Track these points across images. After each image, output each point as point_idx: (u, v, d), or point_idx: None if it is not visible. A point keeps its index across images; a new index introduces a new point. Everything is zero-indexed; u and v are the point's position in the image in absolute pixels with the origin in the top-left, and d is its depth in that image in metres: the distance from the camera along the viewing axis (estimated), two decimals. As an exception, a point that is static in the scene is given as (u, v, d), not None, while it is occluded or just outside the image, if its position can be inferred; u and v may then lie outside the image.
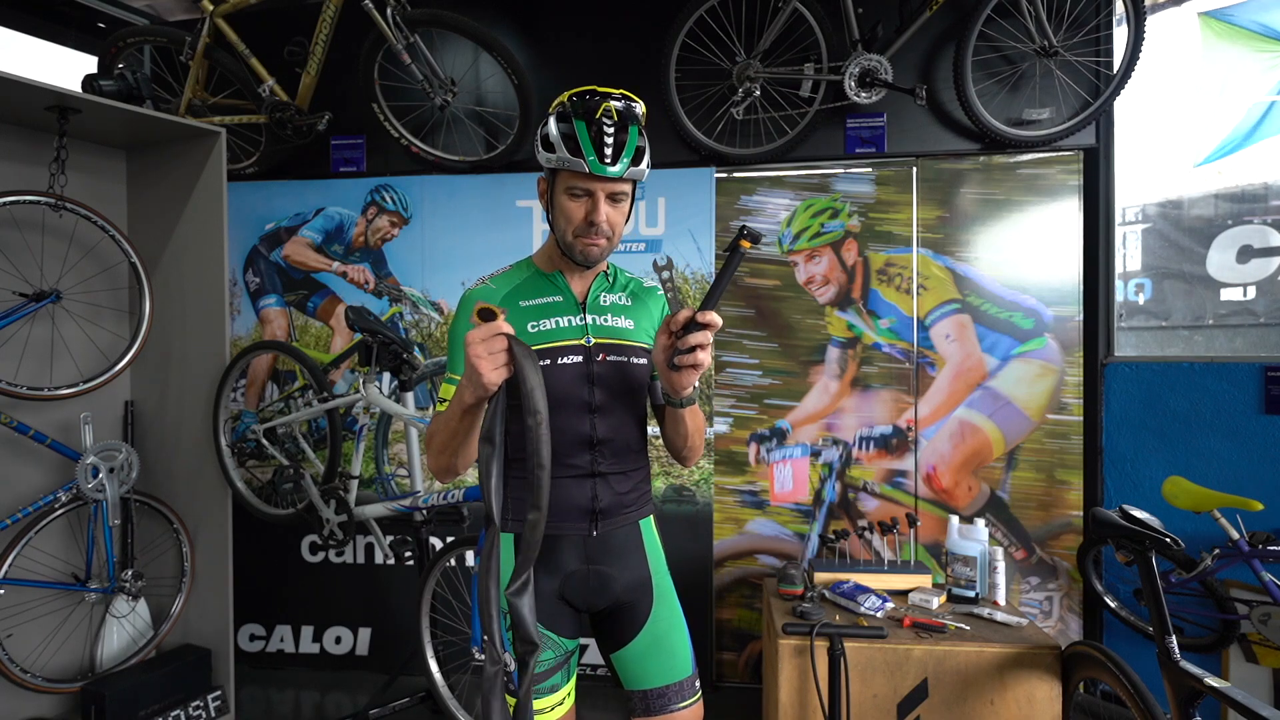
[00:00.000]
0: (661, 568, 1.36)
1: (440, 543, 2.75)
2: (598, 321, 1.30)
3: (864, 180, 2.79)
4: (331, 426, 2.34)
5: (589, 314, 1.30)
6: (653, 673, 1.32)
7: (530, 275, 1.31)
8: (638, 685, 1.33)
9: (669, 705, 1.31)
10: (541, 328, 1.25)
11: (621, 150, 1.18)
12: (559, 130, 1.18)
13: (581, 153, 1.17)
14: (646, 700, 1.32)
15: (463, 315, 1.27)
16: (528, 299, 1.28)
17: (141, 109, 2.27)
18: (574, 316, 1.28)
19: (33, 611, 2.34)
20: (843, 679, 1.77)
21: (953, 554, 2.28)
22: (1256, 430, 2.38)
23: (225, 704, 2.48)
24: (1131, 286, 3.00)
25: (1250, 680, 2.29)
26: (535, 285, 1.30)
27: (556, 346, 1.25)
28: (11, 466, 2.29)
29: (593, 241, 1.23)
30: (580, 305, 1.30)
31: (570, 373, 1.25)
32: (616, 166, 1.18)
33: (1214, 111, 2.90)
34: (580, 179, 1.20)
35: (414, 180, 2.98)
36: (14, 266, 2.24)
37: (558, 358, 1.24)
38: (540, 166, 1.27)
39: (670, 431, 1.33)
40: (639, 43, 2.82)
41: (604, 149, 1.17)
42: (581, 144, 1.17)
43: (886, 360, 2.76)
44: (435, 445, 1.21)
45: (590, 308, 1.30)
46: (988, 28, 2.54)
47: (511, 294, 1.28)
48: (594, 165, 1.17)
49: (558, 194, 1.24)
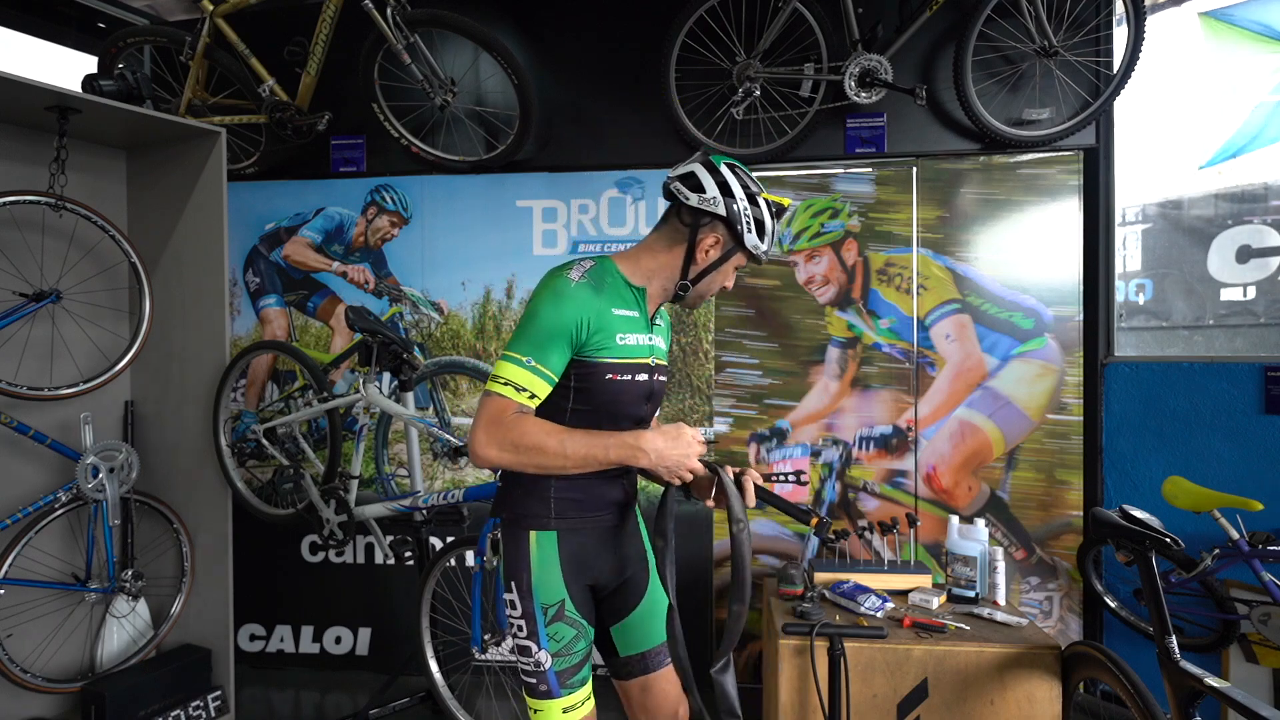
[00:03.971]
0: (647, 543, 1.51)
1: (440, 543, 2.75)
2: (655, 343, 1.40)
3: (864, 180, 2.79)
4: (331, 426, 2.34)
5: (651, 334, 1.39)
6: (651, 633, 1.47)
7: (616, 281, 1.34)
8: (637, 649, 1.46)
9: (664, 661, 1.48)
10: (626, 341, 1.31)
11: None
12: (772, 227, 1.35)
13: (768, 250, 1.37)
14: (644, 660, 1.46)
15: (552, 297, 1.25)
16: (618, 308, 1.32)
17: (141, 109, 2.27)
18: (645, 335, 1.36)
19: (33, 611, 2.34)
20: (843, 679, 1.77)
21: (953, 554, 2.29)
22: (1256, 430, 2.38)
23: (225, 704, 2.48)
24: (1132, 286, 3.00)
25: (1250, 680, 2.29)
26: (622, 294, 1.34)
27: (634, 363, 1.33)
28: (11, 466, 2.29)
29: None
30: (649, 325, 1.39)
31: (638, 389, 1.34)
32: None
33: (1217, 112, 2.90)
34: (749, 261, 1.37)
35: (414, 180, 2.98)
36: (14, 266, 2.24)
37: (635, 374, 1.33)
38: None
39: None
40: (639, 43, 2.82)
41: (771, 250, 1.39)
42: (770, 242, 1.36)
43: (886, 360, 2.76)
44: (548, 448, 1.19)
45: (653, 329, 1.41)
46: (988, 28, 2.54)
47: (606, 296, 1.30)
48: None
49: (731, 262, 1.36)
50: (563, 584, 1.33)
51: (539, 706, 1.32)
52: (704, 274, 1.35)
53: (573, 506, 1.34)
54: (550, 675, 1.31)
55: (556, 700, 1.31)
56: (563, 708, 1.32)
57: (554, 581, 1.32)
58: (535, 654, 1.31)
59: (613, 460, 1.20)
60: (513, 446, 1.19)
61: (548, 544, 1.33)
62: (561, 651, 1.32)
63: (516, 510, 1.35)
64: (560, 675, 1.32)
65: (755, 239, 1.32)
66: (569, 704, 1.32)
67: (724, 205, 1.30)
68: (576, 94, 2.90)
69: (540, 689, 1.32)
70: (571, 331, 1.24)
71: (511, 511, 1.36)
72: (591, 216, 2.89)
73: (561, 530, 1.34)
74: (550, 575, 1.32)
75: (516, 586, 1.33)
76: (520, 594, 1.32)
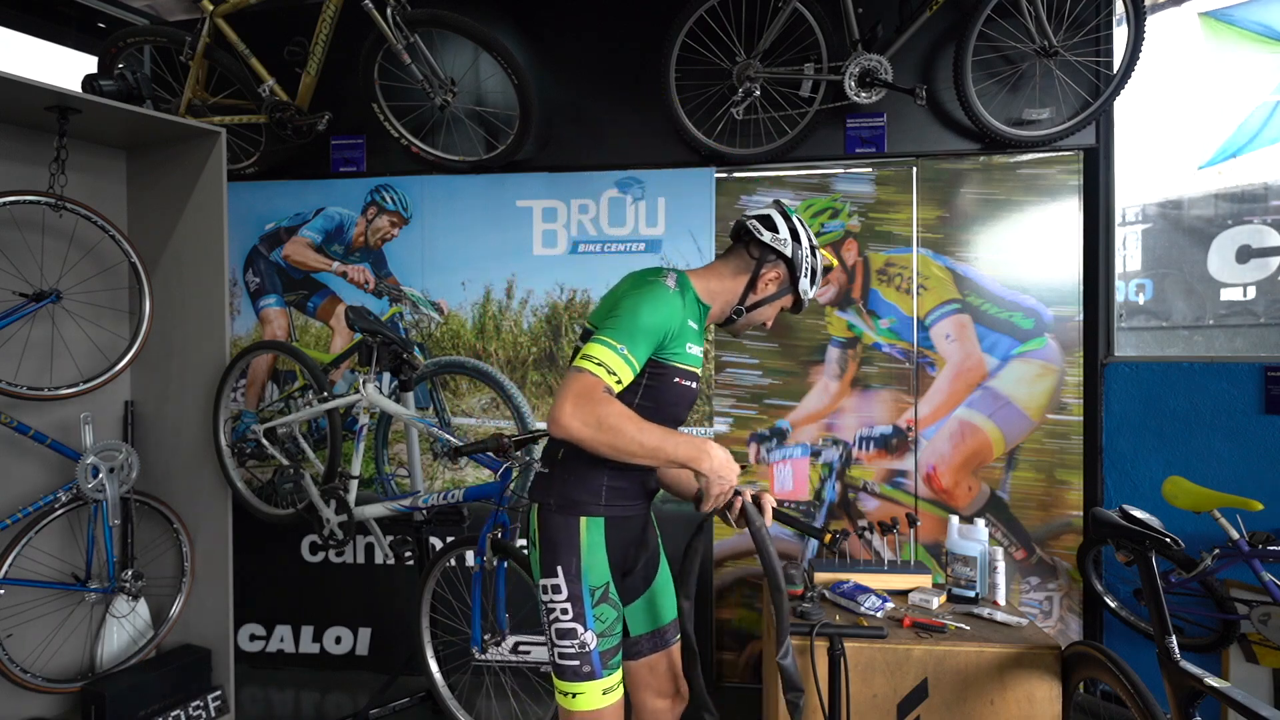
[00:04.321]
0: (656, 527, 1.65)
1: (440, 543, 2.75)
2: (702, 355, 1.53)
3: (864, 180, 2.79)
4: (331, 426, 2.34)
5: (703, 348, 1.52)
6: (662, 611, 1.60)
7: (692, 296, 1.46)
8: (649, 627, 1.58)
9: (672, 639, 1.61)
10: (692, 351, 1.44)
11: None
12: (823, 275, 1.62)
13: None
14: (655, 638, 1.59)
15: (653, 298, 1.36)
16: (691, 320, 1.44)
17: (141, 109, 2.26)
18: (701, 348, 1.49)
19: (33, 611, 2.33)
20: (843, 679, 1.77)
21: (953, 554, 2.28)
22: (1256, 430, 2.38)
23: (225, 704, 2.48)
24: (1132, 286, 3.00)
25: (1250, 680, 2.29)
26: (694, 309, 1.46)
27: (694, 371, 1.47)
28: (11, 466, 2.28)
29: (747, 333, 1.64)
30: (703, 340, 1.53)
31: (691, 395, 1.48)
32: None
33: (1216, 112, 2.90)
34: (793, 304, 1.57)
35: (414, 180, 2.98)
36: (14, 266, 2.24)
37: (694, 381, 1.47)
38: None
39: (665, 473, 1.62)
40: (639, 43, 2.82)
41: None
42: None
43: (886, 360, 2.76)
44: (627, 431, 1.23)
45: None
46: (988, 28, 2.54)
47: (686, 308, 1.42)
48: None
49: (780, 301, 1.54)
50: (608, 567, 1.42)
51: (580, 689, 1.37)
52: (759, 304, 1.52)
53: (619, 495, 1.44)
54: (595, 656, 1.38)
55: (598, 681, 1.37)
56: (603, 689, 1.38)
57: (601, 565, 1.41)
58: (581, 635, 1.37)
59: (679, 458, 1.26)
60: (596, 423, 1.23)
61: (596, 530, 1.42)
62: (605, 632, 1.40)
63: (569, 496, 1.42)
64: (603, 656, 1.39)
65: (807, 284, 1.52)
66: (608, 685, 1.39)
67: (790, 248, 1.49)
68: (576, 94, 2.90)
69: (584, 670, 1.37)
70: (662, 333, 1.35)
71: (562, 498, 1.43)
72: (591, 216, 2.89)
73: (608, 517, 1.43)
74: (598, 559, 1.41)
75: (564, 570, 1.39)
76: (568, 577, 1.39)
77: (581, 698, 1.36)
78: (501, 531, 2.10)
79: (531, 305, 2.93)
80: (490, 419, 2.95)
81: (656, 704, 1.62)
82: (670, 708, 1.64)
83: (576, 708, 1.37)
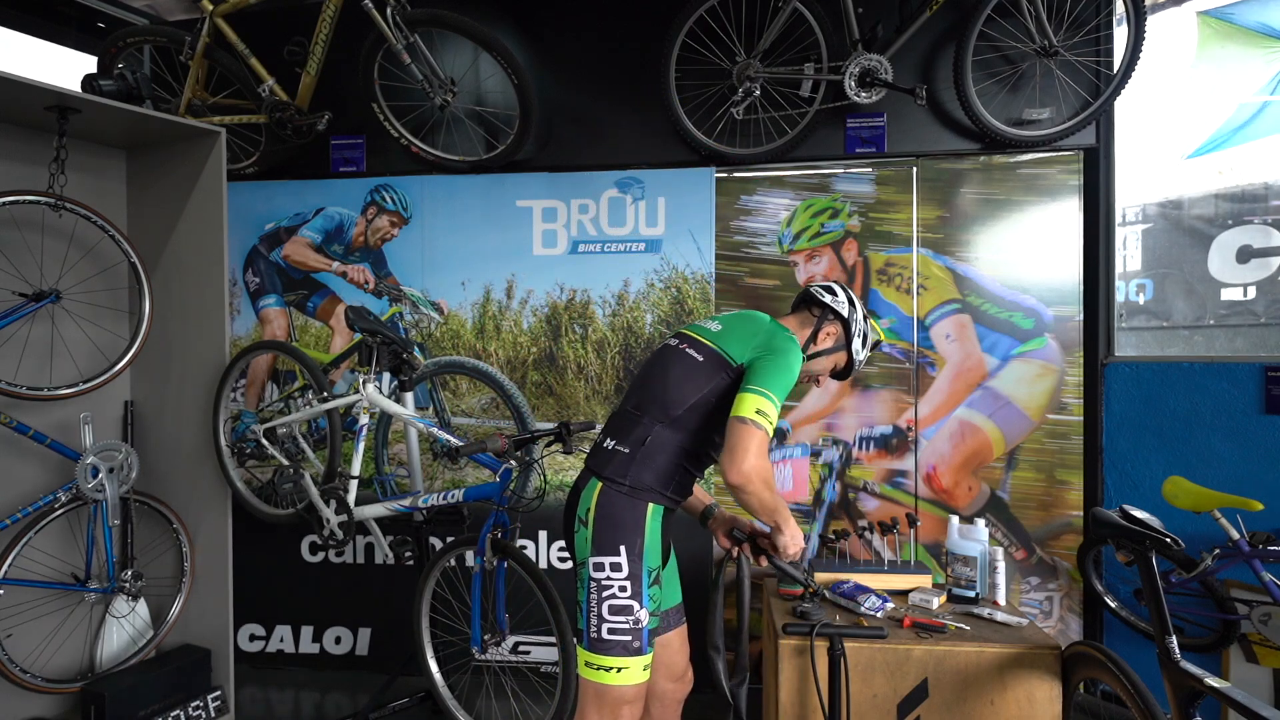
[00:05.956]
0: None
1: (440, 543, 2.75)
2: None
3: (864, 180, 2.79)
4: (331, 427, 2.33)
5: None
6: (669, 595, 1.71)
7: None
8: (661, 607, 1.65)
9: (679, 621, 1.74)
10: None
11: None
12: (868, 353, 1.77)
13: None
14: (666, 618, 1.69)
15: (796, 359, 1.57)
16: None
17: (141, 109, 2.26)
18: None
19: (32, 611, 2.33)
20: (843, 679, 1.77)
21: (953, 554, 2.28)
22: (1256, 430, 2.38)
23: (225, 704, 2.48)
24: (1133, 286, 3.00)
25: (1250, 680, 2.29)
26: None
27: None
28: (11, 466, 2.28)
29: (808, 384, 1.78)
30: None
31: None
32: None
33: (1208, 109, 2.90)
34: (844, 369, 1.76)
35: (414, 180, 2.98)
36: (14, 266, 2.24)
37: None
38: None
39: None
40: (639, 43, 2.82)
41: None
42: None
43: (886, 360, 2.76)
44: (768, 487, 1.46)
45: None
46: (988, 28, 2.54)
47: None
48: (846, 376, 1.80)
49: (834, 357, 1.74)
50: (661, 552, 1.56)
51: (625, 664, 1.47)
52: (816, 355, 1.70)
53: (679, 489, 1.59)
54: (645, 632, 1.49)
55: (644, 656, 1.49)
56: (644, 665, 1.50)
57: (657, 549, 1.54)
58: (637, 612, 1.48)
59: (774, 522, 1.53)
60: (764, 482, 1.43)
61: (658, 516, 1.54)
62: (656, 611, 1.53)
63: (645, 482, 1.53)
64: (652, 633, 1.52)
65: (859, 344, 1.72)
66: (648, 661, 1.51)
67: (847, 310, 1.71)
68: (576, 94, 2.89)
69: (634, 645, 1.48)
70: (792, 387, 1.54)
71: (638, 481, 1.53)
72: (591, 216, 2.89)
73: (666, 507, 1.57)
74: (656, 543, 1.53)
75: (627, 550, 1.50)
76: (630, 557, 1.50)
77: (626, 672, 1.47)
78: (501, 531, 2.10)
79: (531, 305, 2.93)
80: (490, 419, 2.95)
81: (665, 686, 1.72)
82: (676, 690, 1.74)
83: (619, 682, 1.46)
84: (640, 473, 1.53)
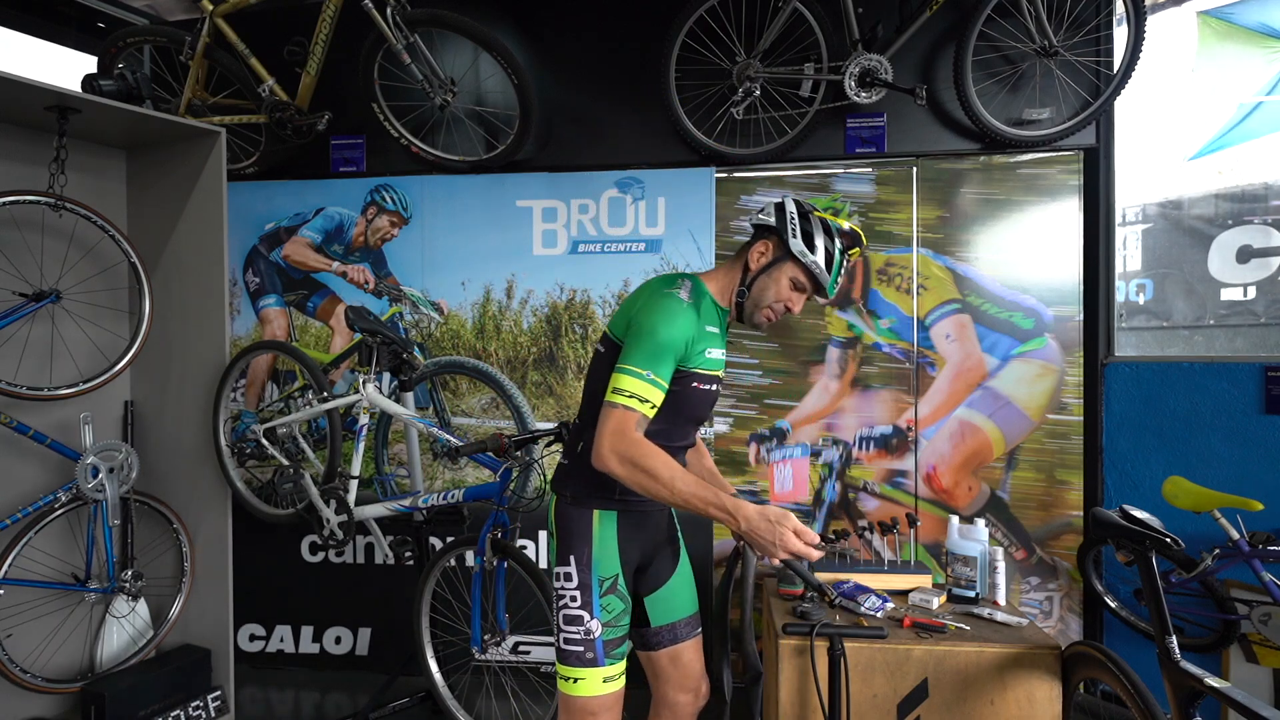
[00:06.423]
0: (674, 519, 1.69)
1: (440, 543, 2.75)
2: (724, 357, 1.55)
3: (864, 180, 2.79)
4: (331, 426, 2.33)
5: (724, 349, 1.54)
6: (681, 605, 1.63)
7: (708, 301, 1.50)
8: (668, 619, 1.61)
9: (692, 631, 1.64)
10: (711, 355, 1.48)
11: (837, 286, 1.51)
12: (824, 244, 1.47)
13: (828, 274, 1.47)
14: (675, 630, 1.61)
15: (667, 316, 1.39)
16: (709, 325, 1.48)
17: (141, 109, 2.26)
18: (722, 350, 1.52)
19: (33, 611, 2.33)
20: (843, 679, 1.77)
21: (953, 554, 2.28)
22: (1256, 430, 2.38)
23: (225, 704, 2.48)
24: (1132, 286, 3.00)
25: (1250, 680, 2.29)
26: (712, 313, 1.50)
27: (713, 374, 1.50)
28: (11, 466, 2.28)
29: (773, 319, 1.52)
30: (724, 341, 1.55)
31: (711, 397, 1.53)
32: (830, 296, 1.52)
33: (1209, 110, 2.90)
34: (809, 281, 1.48)
35: (414, 180, 2.98)
36: (14, 266, 2.24)
37: (712, 384, 1.51)
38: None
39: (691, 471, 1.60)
40: (639, 43, 2.82)
41: (838, 278, 1.49)
42: (833, 268, 1.47)
43: (886, 360, 2.76)
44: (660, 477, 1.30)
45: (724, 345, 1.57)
46: (988, 28, 2.54)
47: (703, 315, 1.46)
48: (829, 288, 1.49)
49: (781, 272, 1.49)
50: (618, 560, 1.48)
51: (581, 674, 1.42)
52: (755, 280, 1.50)
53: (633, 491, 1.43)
54: (598, 644, 1.44)
55: (600, 669, 1.43)
56: (603, 676, 1.44)
57: (611, 557, 1.47)
58: (587, 623, 1.44)
59: (708, 515, 1.30)
60: (631, 463, 1.30)
61: (609, 522, 1.48)
62: (611, 622, 1.45)
63: (584, 490, 1.48)
64: (607, 645, 1.45)
65: (801, 245, 1.45)
66: (609, 674, 1.44)
67: (774, 216, 1.50)
68: (576, 94, 2.89)
69: (586, 656, 1.43)
70: (681, 347, 1.40)
71: (578, 490, 1.49)
72: (591, 216, 2.89)
73: (621, 511, 1.49)
74: (608, 551, 1.47)
75: (576, 560, 1.46)
76: (579, 566, 1.46)
77: (582, 683, 1.42)
78: (501, 531, 2.11)
79: (531, 305, 2.93)
80: (490, 419, 2.95)
81: (678, 698, 1.63)
82: (691, 703, 1.66)
83: (577, 692, 1.42)
84: (578, 481, 1.49)
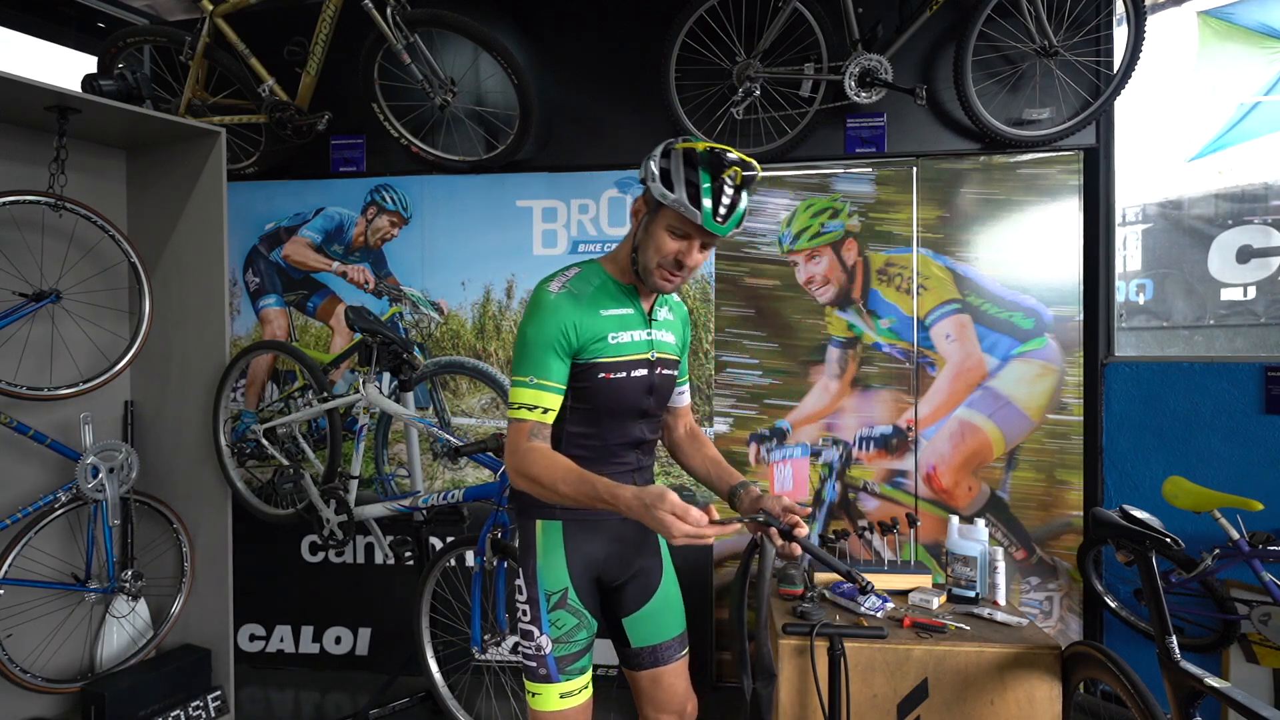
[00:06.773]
0: (661, 540, 1.55)
1: (440, 543, 2.75)
2: (656, 336, 1.42)
3: (864, 180, 2.79)
4: (331, 426, 2.34)
5: (651, 329, 1.41)
6: (664, 627, 1.51)
7: (604, 282, 1.38)
8: (649, 641, 1.51)
9: (675, 655, 1.52)
10: (619, 340, 1.36)
11: (733, 212, 1.27)
12: (685, 175, 1.25)
13: (700, 204, 1.24)
14: (655, 653, 1.51)
15: (534, 314, 1.31)
16: (607, 308, 1.36)
17: (141, 109, 2.26)
18: (642, 331, 1.39)
19: (33, 611, 2.33)
20: (843, 679, 1.77)
21: (953, 554, 2.28)
22: (1256, 430, 2.38)
23: (225, 704, 2.48)
24: (1132, 286, 3.00)
25: (1250, 680, 2.29)
26: (612, 294, 1.38)
27: (631, 360, 1.37)
28: (11, 466, 2.28)
29: (671, 277, 1.32)
30: (647, 320, 1.41)
31: (638, 384, 1.38)
32: (725, 225, 1.27)
33: (1209, 110, 2.90)
34: (686, 223, 1.27)
35: (414, 180, 2.98)
36: (14, 266, 2.24)
37: (631, 370, 1.37)
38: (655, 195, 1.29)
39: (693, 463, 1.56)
40: (639, 43, 2.82)
41: (719, 206, 1.25)
42: (703, 195, 1.24)
43: (886, 360, 2.76)
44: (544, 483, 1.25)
45: (653, 323, 1.42)
46: (988, 28, 2.54)
47: (592, 299, 1.35)
48: (707, 219, 1.24)
49: (656, 224, 1.31)
50: (566, 573, 1.38)
51: (537, 690, 1.38)
52: (640, 243, 1.34)
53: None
54: (550, 660, 1.37)
55: (555, 685, 1.37)
56: (560, 693, 1.37)
57: (558, 570, 1.38)
58: (537, 638, 1.38)
59: (598, 506, 1.21)
60: (523, 475, 1.28)
61: (553, 533, 1.39)
62: (562, 638, 1.37)
63: (525, 498, 1.39)
64: (559, 661, 1.37)
65: (661, 187, 1.26)
66: (566, 690, 1.37)
67: (643, 170, 1.32)
68: (576, 94, 2.89)
69: (540, 673, 1.38)
70: (558, 341, 1.30)
71: (521, 501, 1.42)
72: (591, 216, 2.89)
73: (567, 521, 1.39)
74: (554, 563, 1.38)
75: (524, 574, 1.41)
76: (526, 579, 1.40)
77: (539, 698, 1.37)
78: (501, 531, 2.11)
79: (531, 305, 2.92)
80: (490, 419, 2.95)
81: (659, 719, 1.55)
82: None
83: (536, 707, 1.38)
84: (517, 493, 1.39)
